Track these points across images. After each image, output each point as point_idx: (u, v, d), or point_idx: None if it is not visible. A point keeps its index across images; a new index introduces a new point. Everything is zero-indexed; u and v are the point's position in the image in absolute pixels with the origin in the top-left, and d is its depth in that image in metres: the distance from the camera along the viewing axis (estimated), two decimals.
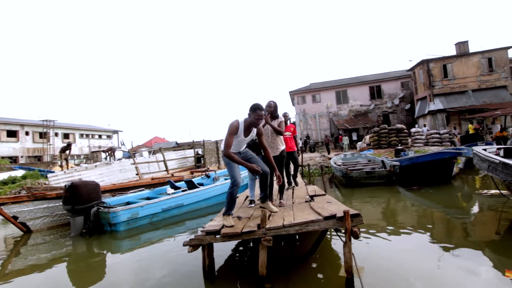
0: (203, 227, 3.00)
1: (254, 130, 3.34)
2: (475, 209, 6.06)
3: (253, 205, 4.12)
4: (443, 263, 3.21)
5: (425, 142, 17.73)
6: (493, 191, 6.20)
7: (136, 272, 3.71)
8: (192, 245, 2.77)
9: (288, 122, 5.75)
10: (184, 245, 2.83)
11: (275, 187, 4.32)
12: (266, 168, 3.35)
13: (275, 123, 4.16)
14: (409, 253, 3.59)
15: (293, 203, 3.99)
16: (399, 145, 16.90)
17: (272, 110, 4.18)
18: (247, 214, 3.48)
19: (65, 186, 6.00)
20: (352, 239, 2.52)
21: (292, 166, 5.83)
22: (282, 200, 4.02)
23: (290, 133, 5.65)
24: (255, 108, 3.13)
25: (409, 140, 18.51)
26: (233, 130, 3.12)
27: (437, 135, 17.27)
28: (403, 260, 3.37)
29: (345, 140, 22.06)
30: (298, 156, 7.09)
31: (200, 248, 2.93)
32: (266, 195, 3.50)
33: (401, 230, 4.71)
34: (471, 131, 16.96)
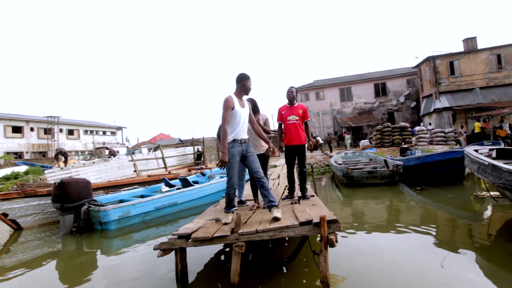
0: (176, 230, 2.87)
1: (247, 102, 3.38)
2: (473, 212, 5.88)
3: (235, 208, 3.95)
4: (433, 273, 3.02)
5: (429, 141, 17.35)
6: (491, 193, 5.96)
7: (113, 273, 3.63)
8: (163, 249, 2.63)
9: (295, 101, 4.32)
10: (154, 249, 2.69)
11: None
12: (259, 170, 3.24)
13: (259, 120, 3.97)
14: (400, 261, 3.40)
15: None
16: (403, 143, 16.56)
17: (252, 106, 4.00)
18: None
19: (55, 183, 5.93)
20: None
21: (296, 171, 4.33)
22: None
23: (298, 118, 4.07)
24: (247, 77, 3.29)
25: (413, 138, 18.14)
26: (229, 104, 3.11)
27: (442, 134, 16.87)
28: (392, 268, 3.19)
29: (348, 138, 21.68)
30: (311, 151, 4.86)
31: (173, 252, 2.79)
32: (271, 201, 3.12)
33: (396, 233, 4.56)
34: (477, 130, 16.50)
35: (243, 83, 3.26)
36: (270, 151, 4.01)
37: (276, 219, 2.75)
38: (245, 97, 3.42)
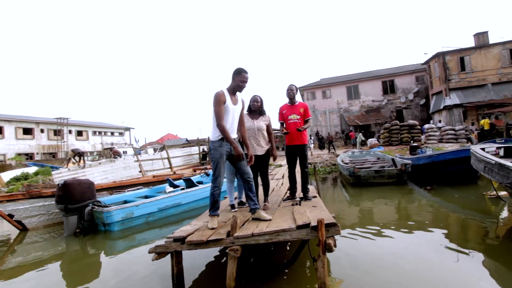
0: (172, 233, 2.80)
1: (241, 100, 3.22)
2: (482, 212, 5.65)
3: (235, 209, 3.87)
4: (431, 274, 2.89)
5: (439, 139, 16.95)
6: (500, 193, 5.74)
7: (112, 275, 3.59)
8: (158, 253, 2.56)
9: (296, 98, 4.21)
10: (149, 252, 2.63)
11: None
12: (249, 171, 3.14)
13: (261, 120, 3.88)
14: (402, 263, 3.27)
15: (278, 206, 3.73)
16: (412, 141, 16.22)
17: (259, 105, 3.91)
18: (225, 219, 3.25)
19: (58, 184, 5.95)
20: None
21: (298, 169, 4.19)
22: (266, 203, 3.76)
23: (299, 116, 3.99)
24: (239, 71, 3.07)
25: (422, 136, 17.75)
26: (220, 99, 2.94)
27: (452, 132, 16.44)
28: (392, 270, 3.06)
29: (359, 137, 21.01)
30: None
31: (170, 256, 2.72)
32: (256, 204, 3.12)
33: (401, 234, 4.42)
34: (486, 127, 15.98)
35: (236, 79, 3.07)
36: (271, 153, 3.89)
37: (258, 218, 2.76)
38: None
